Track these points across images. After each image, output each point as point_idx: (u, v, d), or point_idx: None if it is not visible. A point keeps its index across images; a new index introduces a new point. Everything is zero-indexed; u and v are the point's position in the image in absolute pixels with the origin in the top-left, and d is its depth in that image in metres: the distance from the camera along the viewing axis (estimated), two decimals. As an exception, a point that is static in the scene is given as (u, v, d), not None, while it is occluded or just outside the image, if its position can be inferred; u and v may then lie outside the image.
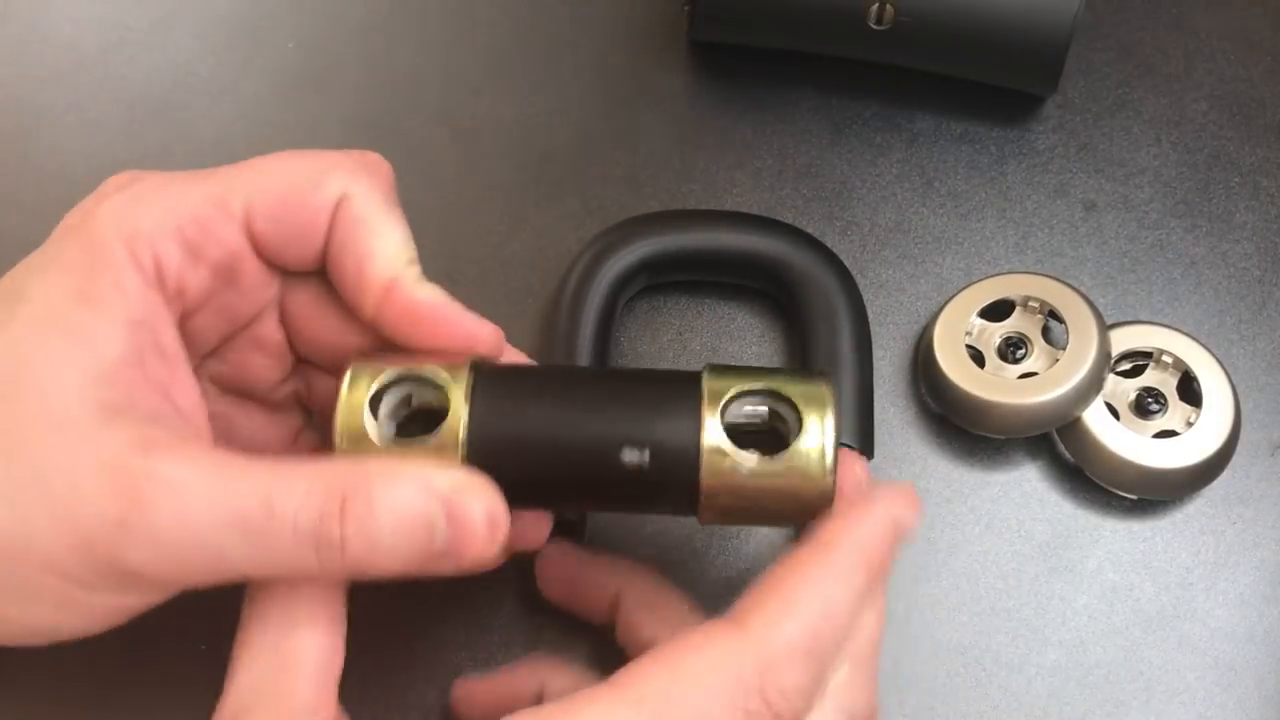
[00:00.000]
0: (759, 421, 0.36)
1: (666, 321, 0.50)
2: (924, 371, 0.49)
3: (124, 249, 0.35)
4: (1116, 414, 0.47)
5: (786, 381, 0.36)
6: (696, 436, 0.35)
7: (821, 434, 0.35)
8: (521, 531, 0.39)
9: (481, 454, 0.35)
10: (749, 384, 0.36)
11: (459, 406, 0.35)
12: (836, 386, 0.46)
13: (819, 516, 0.35)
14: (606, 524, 0.45)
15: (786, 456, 0.35)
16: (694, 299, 0.51)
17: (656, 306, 0.51)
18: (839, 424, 0.36)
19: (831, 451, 0.35)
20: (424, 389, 0.36)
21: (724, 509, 0.36)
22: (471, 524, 0.34)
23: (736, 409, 0.36)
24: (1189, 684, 0.45)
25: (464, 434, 0.35)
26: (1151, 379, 0.48)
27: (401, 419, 0.37)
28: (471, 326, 0.37)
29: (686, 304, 0.51)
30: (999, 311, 0.49)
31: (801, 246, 0.49)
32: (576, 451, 0.35)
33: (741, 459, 0.35)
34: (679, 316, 0.50)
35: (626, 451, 0.35)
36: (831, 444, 0.35)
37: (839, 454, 0.36)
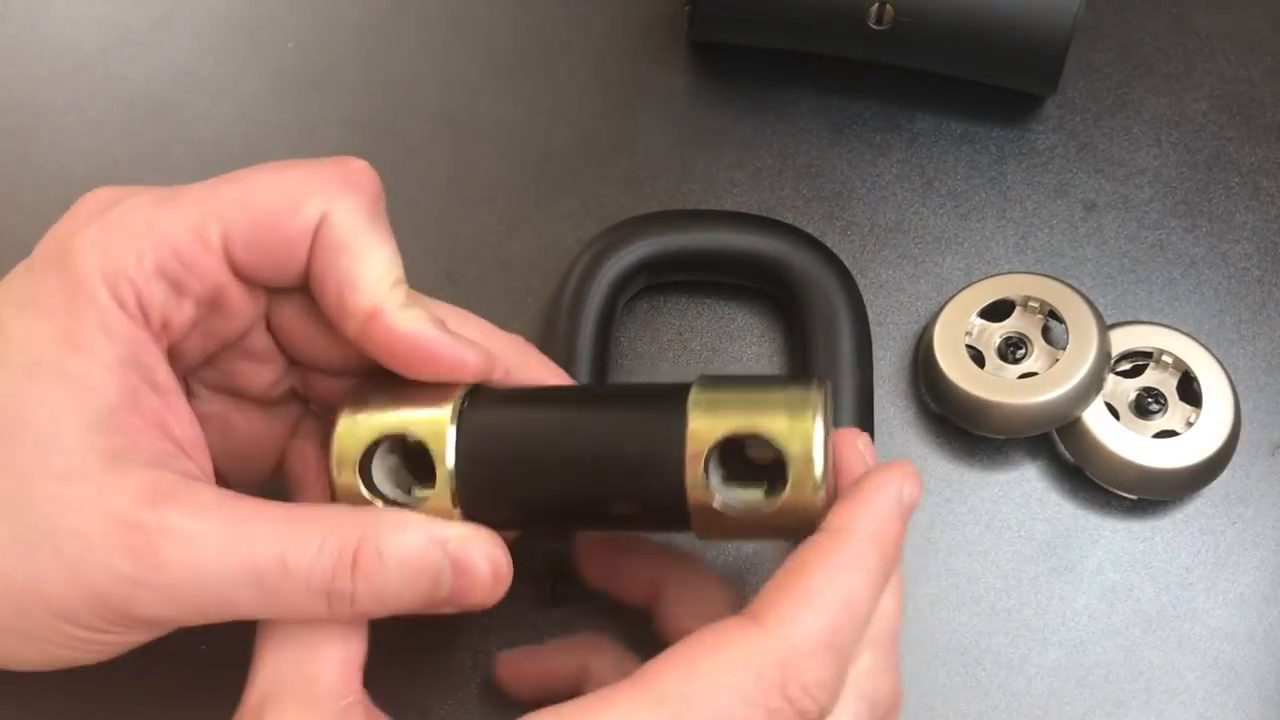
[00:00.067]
0: (750, 433, 0.35)
1: (666, 321, 0.50)
2: (924, 371, 0.49)
3: (106, 289, 0.34)
4: (1116, 414, 0.47)
5: (771, 411, 0.34)
6: (681, 490, 0.34)
7: (811, 466, 0.34)
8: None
9: (473, 509, 0.36)
10: (732, 423, 0.34)
11: (444, 468, 0.35)
12: (833, 391, 0.46)
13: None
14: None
15: (777, 501, 0.34)
16: (694, 299, 0.51)
17: (656, 306, 0.51)
18: (830, 443, 0.35)
19: (822, 482, 0.34)
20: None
21: (720, 537, 0.36)
22: (478, 575, 0.35)
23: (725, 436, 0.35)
24: (1189, 684, 0.45)
25: (452, 490, 0.35)
26: (1151, 379, 0.48)
27: (400, 453, 0.37)
28: (455, 357, 0.36)
29: (686, 304, 0.51)
30: (999, 311, 0.49)
31: (801, 246, 0.49)
32: (567, 502, 0.36)
33: (730, 505, 0.34)
34: (679, 316, 0.50)
35: (615, 504, 0.35)
36: (821, 471, 0.34)
37: (838, 438, 0.36)
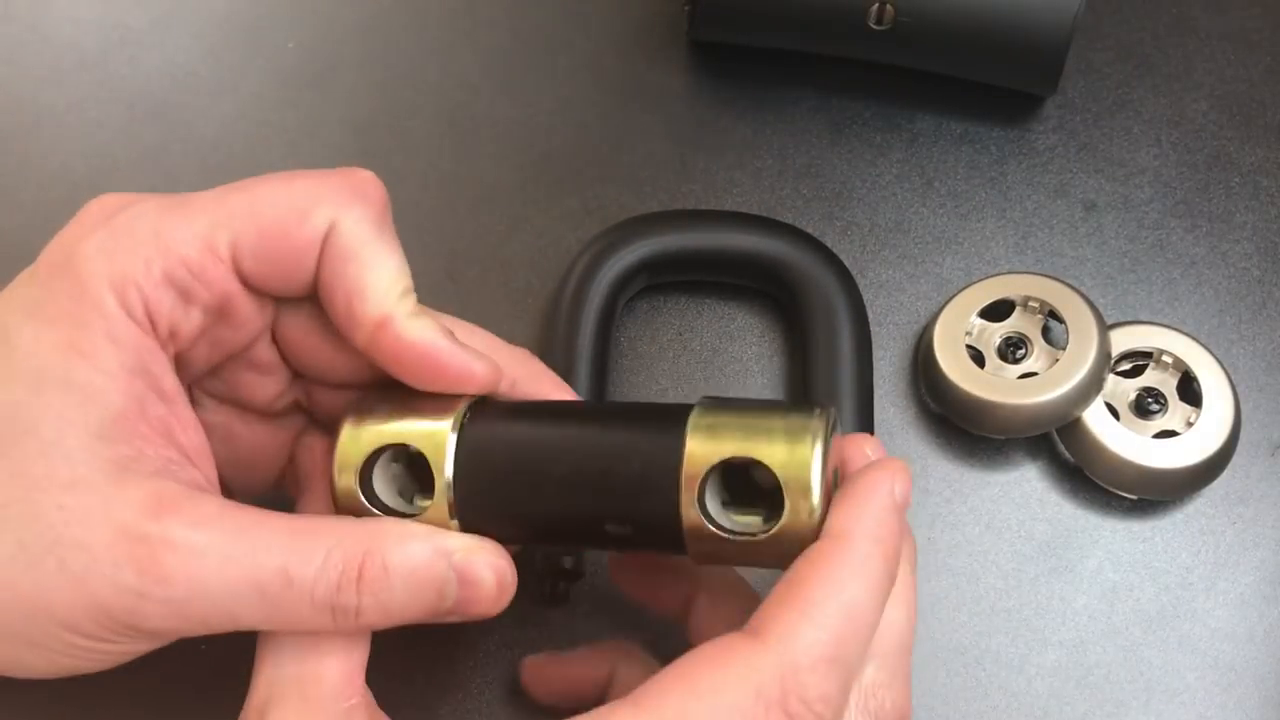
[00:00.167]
0: (748, 460, 0.35)
1: (666, 321, 0.50)
2: (924, 371, 0.49)
3: (113, 297, 0.34)
4: (1116, 414, 0.47)
5: (770, 438, 0.34)
6: (676, 513, 0.34)
7: (808, 496, 0.34)
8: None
9: (470, 522, 0.36)
10: (730, 448, 0.34)
11: (442, 480, 0.35)
12: (833, 392, 0.46)
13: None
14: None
15: (772, 528, 0.34)
16: (694, 299, 0.51)
17: (656, 306, 0.51)
18: (831, 469, 0.34)
19: (820, 509, 0.34)
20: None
21: (715, 562, 0.36)
22: (483, 585, 0.35)
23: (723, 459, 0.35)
24: (1189, 684, 0.45)
25: (449, 502, 0.35)
26: (1151, 379, 0.48)
27: (404, 462, 0.37)
28: (462, 369, 0.36)
29: (686, 304, 0.51)
30: (999, 311, 0.49)
31: (801, 246, 0.49)
32: (563, 519, 0.36)
33: (724, 530, 0.34)
34: (679, 316, 0.50)
35: (610, 524, 0.35)
36: (819, 503, 0.34)
37: (846, 444, 0.36)
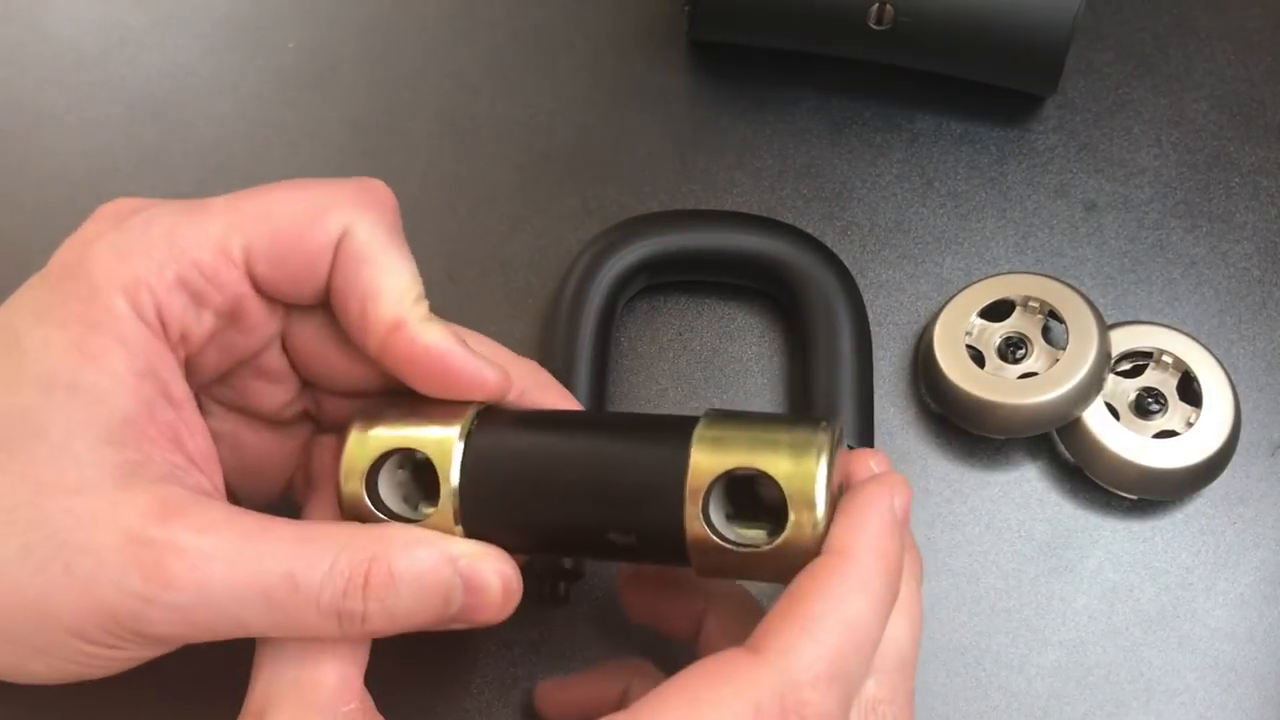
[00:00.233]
0: (753, 472, 0.35)
1: (666, 321, 0.50)
2: (924, 371, 0.49)
3: (124, 299, 0.34)
4: (1116, 414, 0.47)
5: (775, 451, 0.34)
6: (680, 524, 0.34)
7: (812, 509, 0.34)
8: None
9: (475, 529, 0.36)
10: (735, 460, 0.34)
11: (448, 486, 0.35)
12: (833, 391, 0.46)
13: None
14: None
15: (777, 542, 0.34)
16: (694, 299, 0.51)
17: (656, 306, 0.51)
18: (836, 483, 0.34)
19: (824, 523, 0.34)
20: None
21: (719, 575, 0.36)
22: (489, 592, 0.35)
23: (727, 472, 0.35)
24: (1189, 684, 0.45)
25: (454, 508, 0.36)
26: (1151, 379, 0.48)
27: (410, 468, 0.37)
28: (474, 375, 0.36)
29: (686, 304, 0.51)
30: (999, 311, 0.49)
31: (801, 246, 0.49)
32: (568, 528, 0.36)
33: (728, 542, 0.34)
34: (679, 316, 0.50)
35: (614, 533, 0.35)
36: (823, 516, 0.34)
37: (852, 459, 0.36)
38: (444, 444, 0.36)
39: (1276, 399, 0.49)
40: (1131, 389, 0.48)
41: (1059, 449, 0.48)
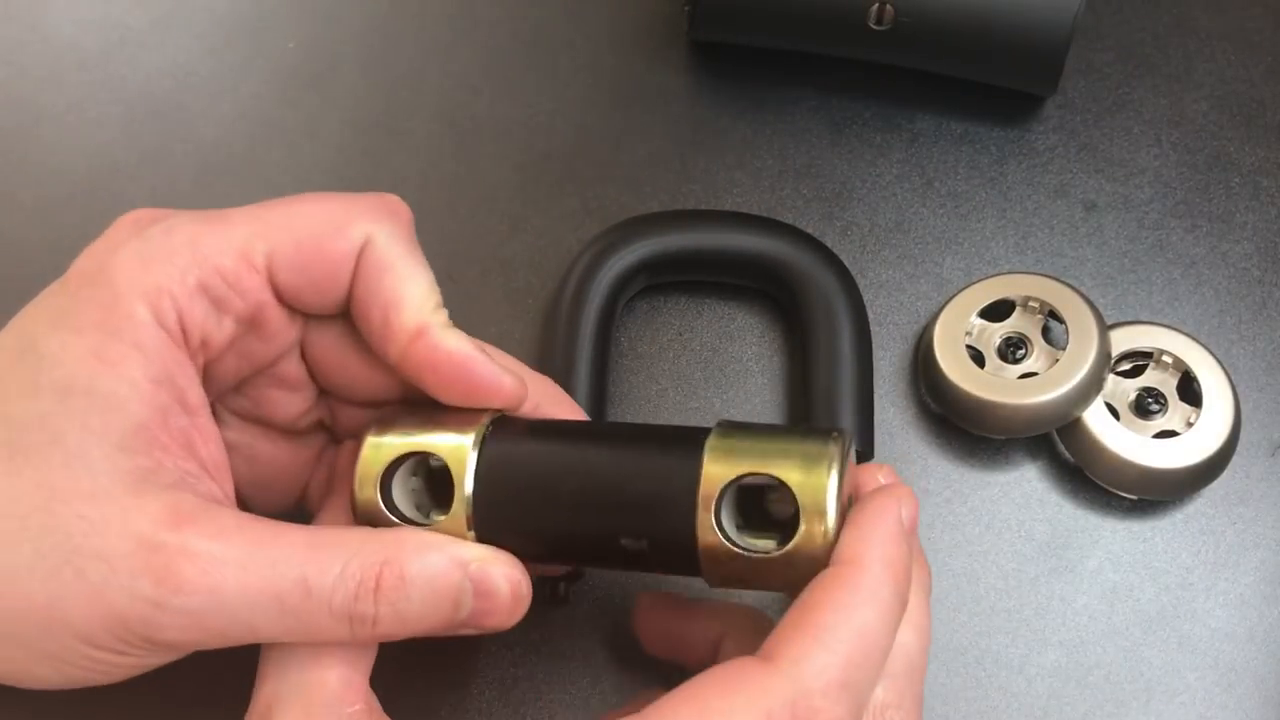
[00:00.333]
0: (765, 480, 0.35)
1: (666, 321, 0.50)
2: (924, 371, 0.49)
3: (145, 306, 0.35)
4: (1116, 414, 0.47)
5: (787, 461, 0.35)
6: (692, 531, 0.35)
7: (823, 519, 0.34)
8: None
9: (487, 535, 0.36)
10: (747, 468, 0.35)
11: (462, 492, 0.36)
12: (833, 391, 0.46)
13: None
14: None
15: (788, 549, 0.34)
16: (694, 299, 0.51)
17: (656, 306, 0.51)
18: (846, 493, 0.35)
19: (834, 532, 0.34)
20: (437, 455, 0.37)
21: (728, 583, 0.36)
22: (498, 597, 0.35)
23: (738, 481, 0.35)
24: (1189, 684, 0.45)
25: (468, 514, 0.36)
26: (1151, 379, 0.48)
27: (423, 476, 0.38)
28: (493, 381, 0.36)
29: (686, 304, 0.51)
30: (999, 311, 0.49)
31: (801, 246, 0.49)
32: (580, 535, 0.36)
33: (740, 549, 0.34)
34: (679, 316, 0.50)
35: (626, 540, 0.35)
36: (834, 525, 0.34)
37: (861, 474, 0.37)
38: (459, 450, 0.36)
39: (1276, 399, 0.49)
40: (1131, 389, 0.48)
41: (1059, 449, 0.48)
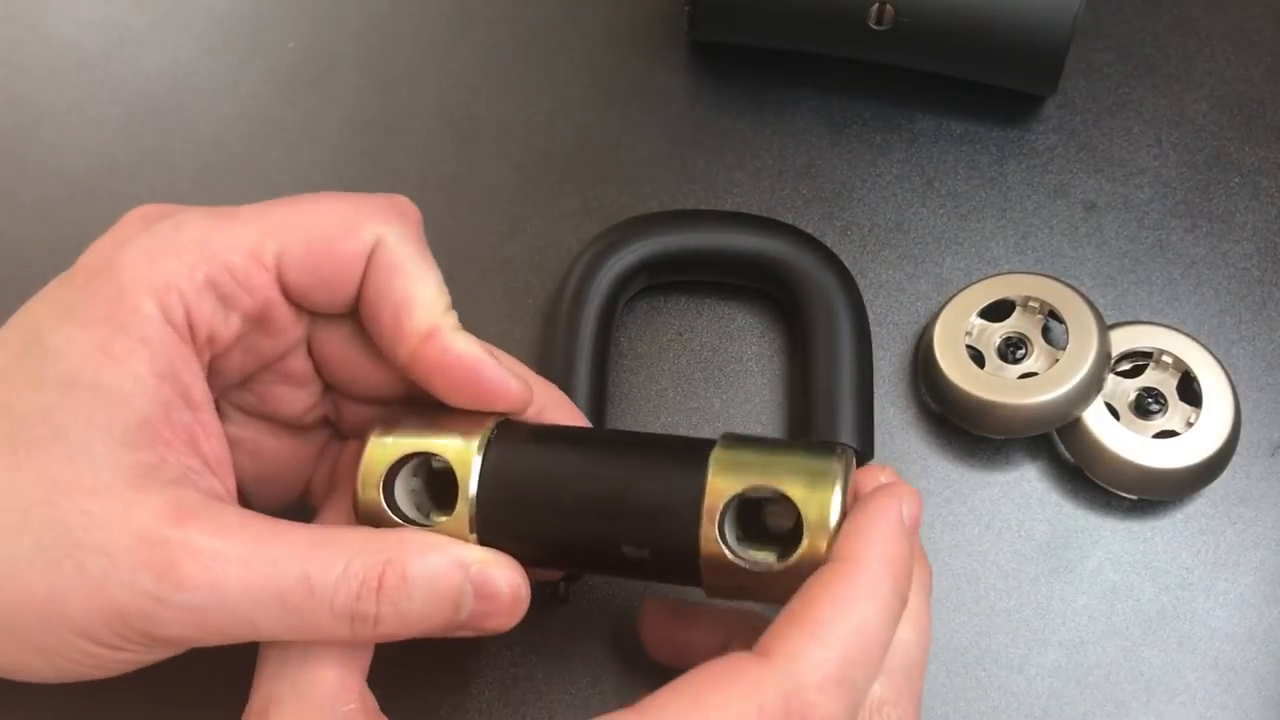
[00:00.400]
0: (769, 493, 0.35)
1: (666, 321, 0.50)
2: (924, 371, 0.49)
3: (152, 301, 0.35)
4: (1116, 414, 0.47)
5: (792, 475, 0.35)
6: (695, 541, 0.35)
7: (825, 533, 0.34)
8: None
9: (490, 538, 0.36)
10: (752, 481, 0.35)
11: (465, 494, 0.36)
12: (833, 391, 0.46)
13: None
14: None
15: (789, 562, 0.34)
16: (694, 299, 0.51)
17: (656, 306, 0.51)
18: (848, 505, 0.35)
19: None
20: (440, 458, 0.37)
21: (728, 594, 0.36)
22: (499, 599, 0.35)
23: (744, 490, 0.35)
24: (1189, 684, 0.45)
25: (470, 516, 0.36)
26: (1151, 379, 0.48)
27: (424, 477, 0.38)
28: (501, 385, 0.36)
29: (686, 304, 0.51)
30: (999, 311, 0.49)
31: (801, 246, 0.49)
32: (583, 541, 0.36)
33: (742, 562, 0.34)
34: (679, 316, 0.50)
35: (628, 548, 0.35)
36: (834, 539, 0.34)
37: (861, 476, 0.37)
38: (464, 453, 0.36)
39: (1276, 399, 0.49)
40: (1131, 389, 0.48)
41: (1059, 449, 0.48)
